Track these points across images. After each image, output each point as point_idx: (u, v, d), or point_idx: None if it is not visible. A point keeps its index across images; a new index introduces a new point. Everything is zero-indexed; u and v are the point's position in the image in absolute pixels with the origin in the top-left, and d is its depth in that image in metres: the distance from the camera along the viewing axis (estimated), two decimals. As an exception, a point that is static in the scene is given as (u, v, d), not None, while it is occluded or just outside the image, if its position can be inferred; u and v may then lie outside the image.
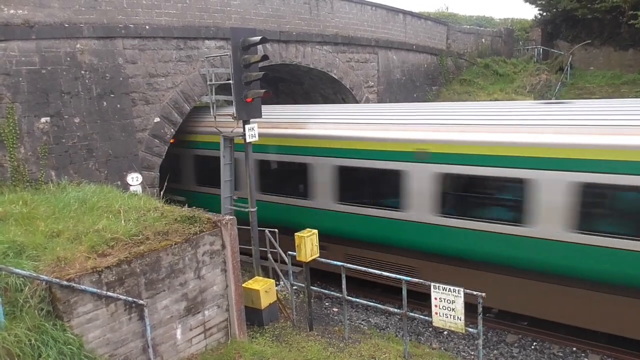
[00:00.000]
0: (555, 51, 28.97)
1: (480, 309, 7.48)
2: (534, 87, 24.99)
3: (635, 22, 23.38)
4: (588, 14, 26.40)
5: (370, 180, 11.56)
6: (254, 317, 9.27)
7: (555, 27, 29.73)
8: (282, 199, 12.86)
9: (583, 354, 9.55)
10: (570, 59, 27.29)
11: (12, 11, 10.19)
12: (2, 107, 10.05)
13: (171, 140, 13.51)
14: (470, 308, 7.79)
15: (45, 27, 10.61)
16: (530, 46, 31.13)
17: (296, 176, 12.68)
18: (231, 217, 8.21)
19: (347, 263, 9.20)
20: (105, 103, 11.73)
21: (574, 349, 9.70)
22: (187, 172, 15.20)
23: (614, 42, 26.84)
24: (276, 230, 11.62)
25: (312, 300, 9.61)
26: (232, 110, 10.41)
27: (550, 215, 9.09)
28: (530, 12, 79.54)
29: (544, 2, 29.35)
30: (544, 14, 30.44)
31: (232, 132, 10.90)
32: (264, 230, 11.45)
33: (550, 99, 23.57)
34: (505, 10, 74.69)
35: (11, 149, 10.15)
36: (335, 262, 9.05)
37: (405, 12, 23.15)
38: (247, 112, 10.44)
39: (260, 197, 12.11)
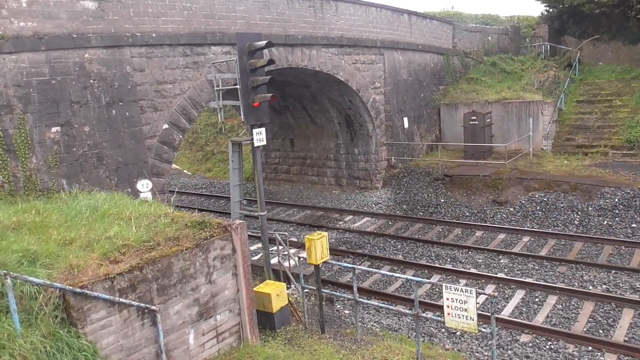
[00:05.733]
0: (563, 47, 28.68)
1: (493, 309, 7.43)
2: (542, 83, 24.76)
3: (644, 15, 23.11)
4: (595, 8, 26.12)
5: None
6: (266, 321, 9.28)
7: (562, 23, 29.47)
8: None
9: (599, 353, 9.44)
10: (578, 54, 27.02)
11: (22, 24, 10.35)
12: (14, 118, 10.21)
13: None
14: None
15: (54, 38, 10.76)
16: (537, 43, 30.82)
17: None
18: (241, 221, 8.24)
19: None
20: (114, 111, 11.86)
21: (590, 348, 9.59)
22: None
23: (623, 36, 26.49)
24: (286, 233, 11.63)
25: (323, 303, 9.60)
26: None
27: None
28: (537, 9, 78.93)
29: (550, -1, 29.09)
30: (551, 10, 30.17)
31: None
32: (274, 234, 11.49)
33: (559, 95, 23.38)
34: (510, 8, 74.07)
35: (23, 159, 10.29)
36: (346, 264, 9.04)
37: (410, 13, 23.12)
38: (255, 117, 10.49)
39: None
